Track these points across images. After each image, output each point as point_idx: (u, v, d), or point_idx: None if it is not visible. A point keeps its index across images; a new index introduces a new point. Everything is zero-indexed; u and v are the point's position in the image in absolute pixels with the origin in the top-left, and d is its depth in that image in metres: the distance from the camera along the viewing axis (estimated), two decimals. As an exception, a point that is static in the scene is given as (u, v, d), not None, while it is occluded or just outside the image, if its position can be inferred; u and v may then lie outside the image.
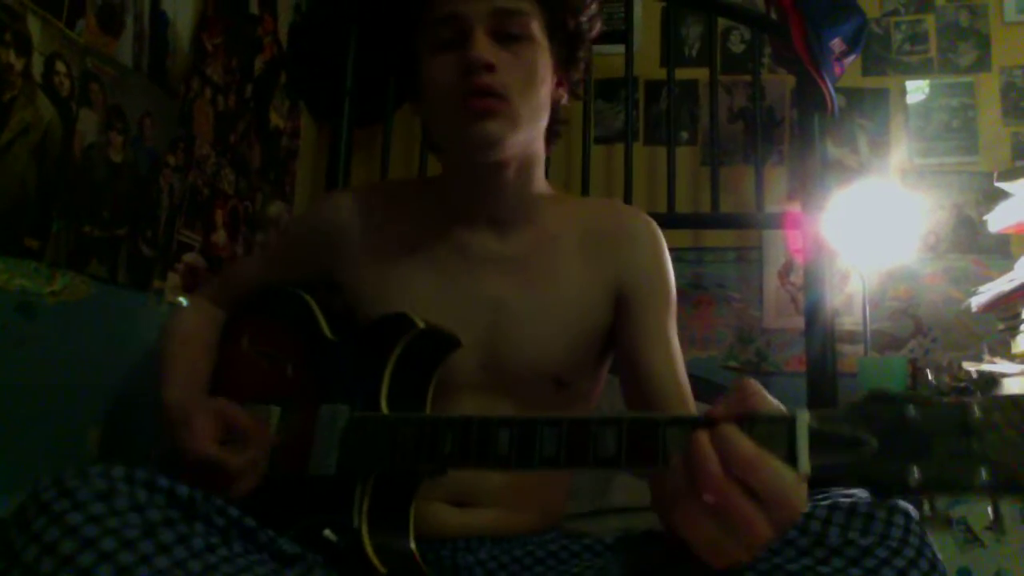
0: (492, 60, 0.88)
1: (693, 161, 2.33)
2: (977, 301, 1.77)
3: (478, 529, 0.91)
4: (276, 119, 2.06)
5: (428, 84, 0.93)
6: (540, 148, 1.00)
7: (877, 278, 2.16)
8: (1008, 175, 1.72)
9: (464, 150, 0.94)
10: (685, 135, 2.35)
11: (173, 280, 1.59)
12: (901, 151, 2.29)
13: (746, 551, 0.59)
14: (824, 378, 1.83)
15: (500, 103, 0.88)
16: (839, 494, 0.75)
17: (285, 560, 0.75)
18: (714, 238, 2.26)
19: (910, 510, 0.72)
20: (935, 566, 0.68)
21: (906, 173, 2.27)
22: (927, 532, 0.71)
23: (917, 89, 2.31)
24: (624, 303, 0.98)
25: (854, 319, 2.14)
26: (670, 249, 1.04)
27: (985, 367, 1.53)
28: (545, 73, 0.94)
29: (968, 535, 1.59)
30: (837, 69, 2.01)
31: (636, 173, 2.06)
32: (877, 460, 0.56)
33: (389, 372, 0.85)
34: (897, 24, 2.36)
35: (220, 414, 0.88)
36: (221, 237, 1.78)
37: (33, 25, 1.20)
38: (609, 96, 2.37)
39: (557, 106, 1.00)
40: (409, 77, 0.98)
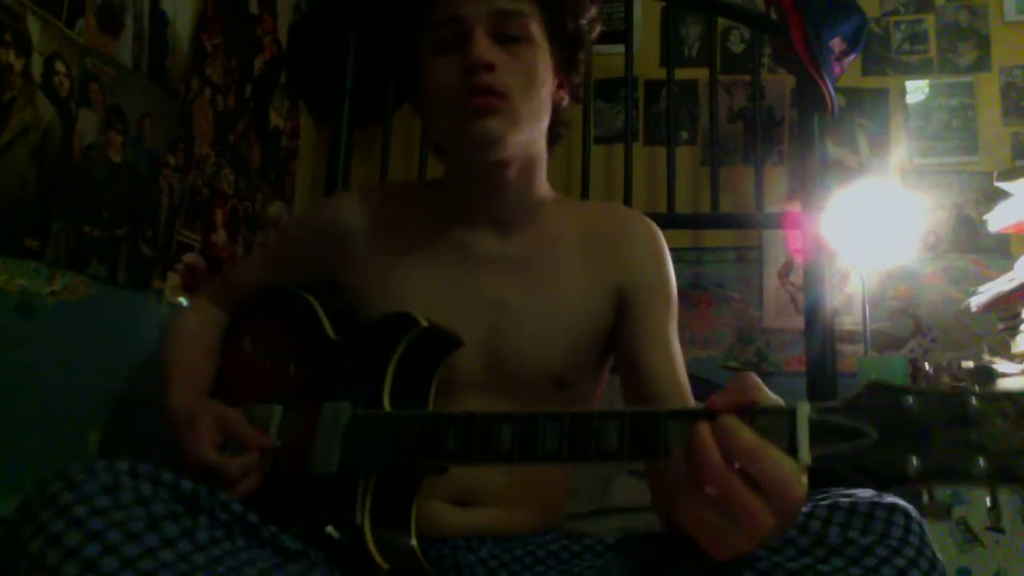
0: (492, 60, 0.88)
1: (693, 161, 2.33)
2: (977, 301, 1.78)
3: (479, 528, 0.91)
4: (276, 119, 2.06)
5: (430, 86, 0.93)
6: (542, 149, 1.00)
7: (877, 278, 2.16)
8: (1008, 175, 1.72)
9: (465, 149, 0.94)
10: (685, 135, 2.35)
11: (173, 280, 1.59)
12: (901, 151, 2.29)
13: (748, 541, 0.59)
14: (824, 378, 1.83)
15: (500, 101, 0.89)
16: (839, 494, 0.75)
17: (288, 556, 0.75)
18: (714, 238, 2.26)
19: (910, 510, 0.72)
20: (935, 566, 0.68)
21: (906, 173, 2.27)
22: (927, 532, 0.71)
23: (917, 89, 2.31)
24: (625, 305, 0.98)
25: (854, 319, 2.14)
26: (670, 249, 1.04)
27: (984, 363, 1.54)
28: (545, 74, 0.95)
29: (968, 535, 1.59)
30: (837, 69, 2.01)
31: (636, 173, 2.06)
32: (877, 450, 0.57)
33: (392, 370, 0.85)
34: (897, 24, 2.36)
35: (220, 419, 0.88)
36: (221, 237, 1.78)
37: (33, 25, 1.20)
38: (609, 96, 2.37)
39: (558, 108, 1.01)
40: (411, 81, 0.99)
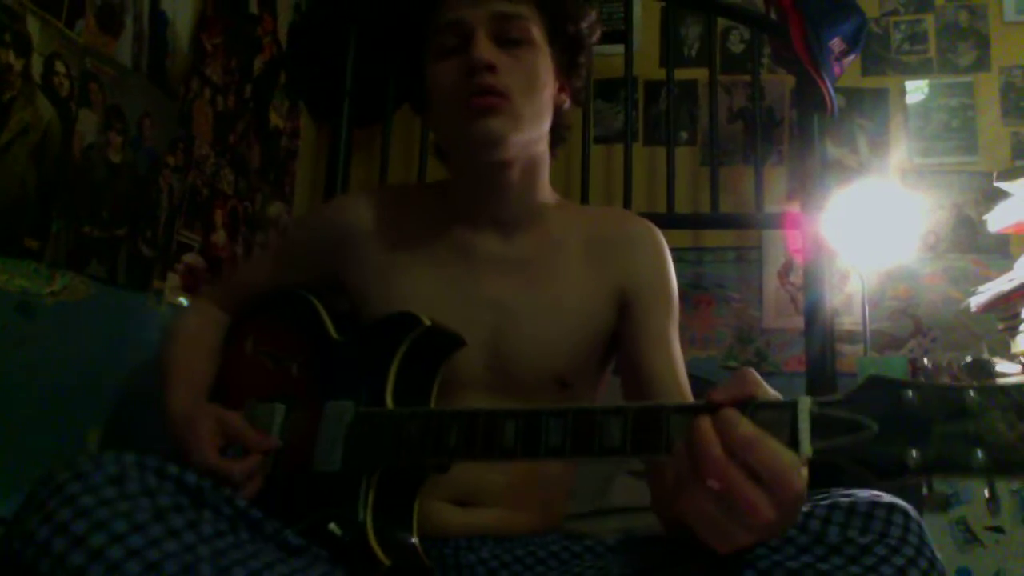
0: (493, 61, 0.90)
1: (692, 161, 2.33)
2: (976, 301, 1.78)
3: (480, 528, 0.91)
4: (275, 119, 2.06)
5: (432, 89, 0.95)
6: (544, 151, 1.01)
7: (877, 278, 2.16)
8: (1007, 175, 1.72)
9: (468, 149, 0.95)
10: (684, 135, 2.35)
11: (173, 280, 1.59)
12: (900, 151, 2.29)
13: (750, 534, 0.60)
14: (824, 378, 1.83)
15: (502, 101, 0.90)
16: (839, 493, 0.76)
17: (290, 551, 0.76)
18: (714, 238, 2.26)
19: (909, 510, 0.72)
20: (934, 565, 0.69)
21: (906, 173, 2.27)
22: (926, 531, 0.71)
23: (916, 89, 2.31)
24: (627, 308, 0.99)
25: (853, 319, 2.14)
26: (670, 249, 1.05)
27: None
28: (546, 76, 0.96)
29: (968, 535, 1.59)
30: (836, 69, 2.01)
31: (636, 173, 2.06)
32: (877, 443, 0.57)
33: (395, 369, 0.86)
34: (896, 24, 2.36)
35: (221, 422, 0.88)
36: (221, 237, 1.78)
37: (32, 25, 1.20)
38: (608, 96, 2.37)
39: (560, 111, 1.02)
40: (415, 86, 1.01)
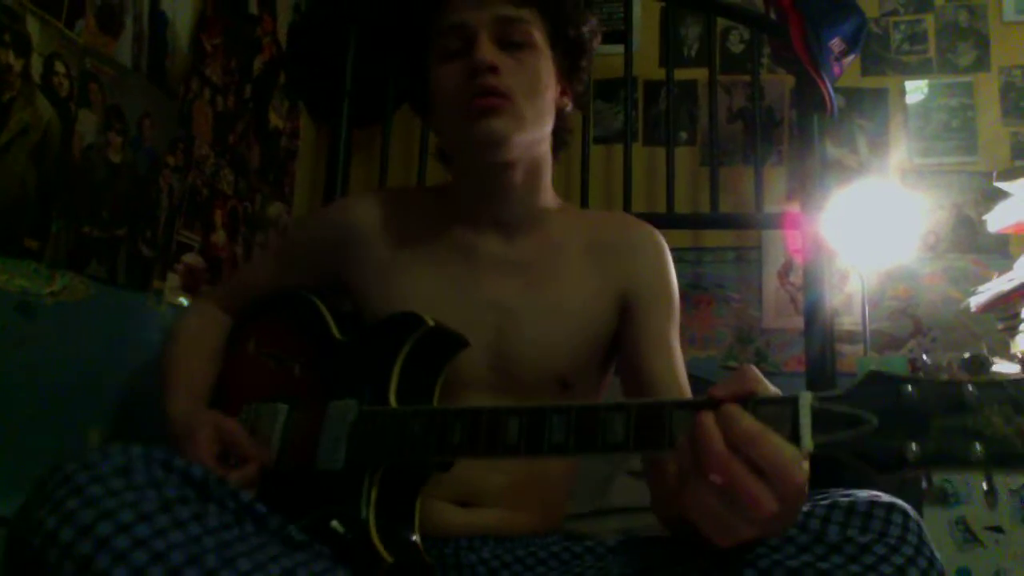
0: (496, 62, 0.91)
1: (692, 161, 2.33)
2: (976, 301, 1.78)
3: (481, 528, 0.92)
4: (275, 119, 2.06)
5: (436, 92, 0.97)
6: (546, 153, 1.03)
7: (876, 278, 2.16)
8: (1007, 175, 1.72)
9: (471, 150, 0.96)
10: (684, 135, 2.35)
11: (172, 280, 1.59)
12: (900, 151, 2.29)
13: (753, 527, 0.60)
14: (823, 378, 1.83)
15: (504, 101, 0.91)
16: (838, 493, 0.76)
17: (294, 546, 0.76)
18: (713, 238, 2.27)
19: (908, 509, 0.72)
20: (933, 564, 0.69)
21: (905, 173, 2.27)
22: (925, 531, 0.71)
23: (916, 89, 2.31)
24: (628, 310, 1.00)
25: (853, 319, 2.14)
26: (670, 250, 1.06)
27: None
28: (548, 79, 0.98)
29: (967, 535, 1.59)
30: (836, 69, 2.01)
31: (635, 173, 2.06)
32: (877, 437, 0.58)
33: (398, 369, 0.86)
34: (896, 24, 2.36)
35: (219, 429, 0.88)
36: (220, 237, 1.78)
37: (32, 25, 1.20)
38: (608, 96, 2.37)
39: (562, 114, 1.03)
40: (419, 90, 1.02)
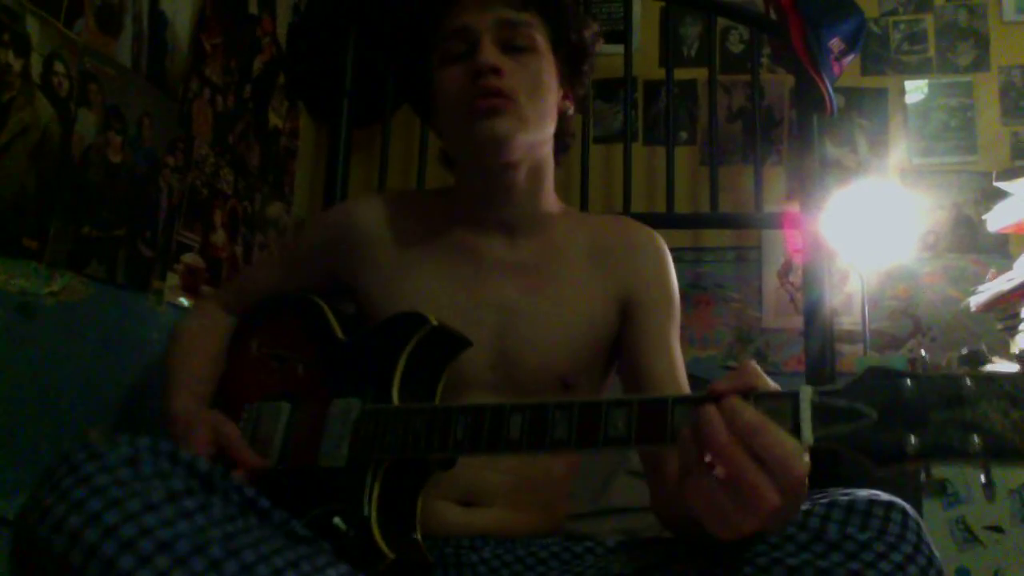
0: (499, 64, 0.93)
1: (692, 161, 2.33)
2: (976, 301, 1.78)
3: (482, 528, 0.92)
4: (275, 119, 2.06)
5: (440, 94, 0.98)
6: (549, 156, 1.04)
7: (876, 278, 2.16)
8: (1007, 175, 1.72)
9: (474, 150, 0.98)
10: (684, 135, 2.35)
11: (172, 280, 1.59)
12: (900, 151, 2.29)
13: (755, 519, 0.60)
14: (823, 378, 1.83)
15: (507, 102, 0.93)
16: (837, 492, 0.76)
17: (297, 540, 0.76)
18: (713, 238, 2.26)
19: (907, 508, 0.73)
20: (932, 562, 0.69)
21: (905, 173, 2.27)
22: (924, 529, 0.72)
23: (916, 89, 2.31)
24: (629, 313, 1.01)
25: (853, 319, 2.14)
26: (669, 249, 1.07)
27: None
28: (550, 82, 0.99)
29: (967, 534, 1.59)
30: (836, 69, 2.01)
31: (635, 173, 2.06)
32: (876, 430, 0.59)
33: (401, 367, 0.87)
34: (896, 24, 2.36)
35: (216, 431, 0.89)
36: (220, 237, 1.78)
37: (32, 25, 1.20)
38: (608, 96, 2.37)
39: (564, 117, 1.05)
40: (423, 93, 1.03)
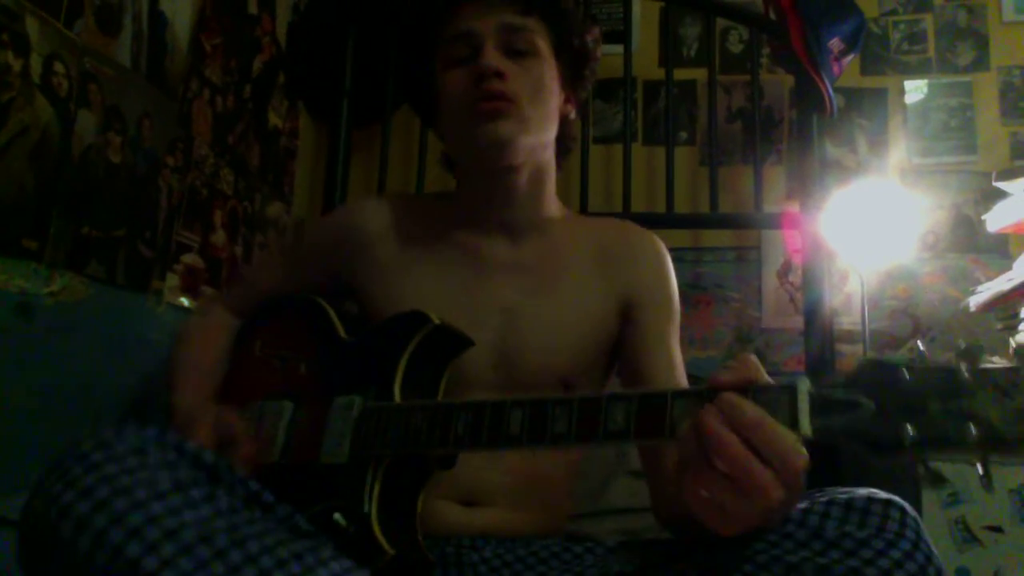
0: (502, 68, 0.94)
1: (692, 161, 2.33)
2: (976, 300, 1.78)
3: (483, 528, 0.93)
4: (275, 119, 2.06)
5: (443, 97, 0.99)
6: (550, 160, 1.05)
7: (876, 278, 2.16)
8: (1006, 175, 1.72)
9: (476, 153, 0.99)
10: (684, 135, 2.35)
11: (172, 281, 1.59)
12: (900, 151, 2.29)
13: (756, 514, 0.61)
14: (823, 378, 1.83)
15: (509, 105, 0.94)
16: (837, 491, 0.76)
17: (300, 534, 0.77)
18: (713, 238, 2.27)
19: (906, 506, 0.73)
20: (931, 559, 0.69)
21: (905, 173, 2.27)
22: (923, 527, 0.72)
23: (916, 89, 2.31)
24: (629, 314, 1.02)
25: (853, 319, 2.14)
26: (669, 250, 1.08)
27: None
28: (552, 85, 1.00)
29: (967, 534, 1.59)
30: (835, 69, 2.01)
31: (635, 173, 2.07)
32: (874, 421, 0.59)
33: (403, 365, 0.87)
34: (896, 24, 2.36)
35: (218, 424, 0.89)
36: (220, 237, 1.78)
37: (31, 25, 1.20)
38: (607, 96, 2.37)
39: (566, 121, 1.06)
40: (426, 97, 1.04)
